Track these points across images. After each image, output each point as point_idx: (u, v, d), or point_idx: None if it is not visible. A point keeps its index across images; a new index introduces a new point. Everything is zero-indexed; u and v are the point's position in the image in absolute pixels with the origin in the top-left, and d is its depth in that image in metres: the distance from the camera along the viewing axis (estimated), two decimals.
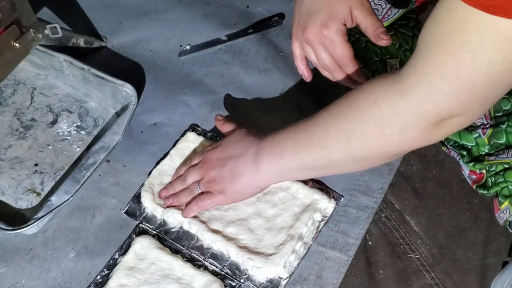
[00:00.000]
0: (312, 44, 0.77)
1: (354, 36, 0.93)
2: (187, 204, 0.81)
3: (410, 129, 0.60)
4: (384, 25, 0.86)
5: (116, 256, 0.80)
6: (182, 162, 0.87)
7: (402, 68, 0.60)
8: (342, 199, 0.84)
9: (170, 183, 0.84)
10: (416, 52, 0.58)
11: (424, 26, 0.57)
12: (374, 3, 0.88)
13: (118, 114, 0.94)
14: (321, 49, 0.76)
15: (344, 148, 0.66)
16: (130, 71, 1.01)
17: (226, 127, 0.86)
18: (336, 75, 0.79)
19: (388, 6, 0.87)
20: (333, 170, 0.74)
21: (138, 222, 0.83)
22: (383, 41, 0.74)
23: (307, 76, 0.82)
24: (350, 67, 0.77)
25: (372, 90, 0.63)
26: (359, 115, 0.64)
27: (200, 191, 0.80)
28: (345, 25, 0.75)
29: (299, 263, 0.79)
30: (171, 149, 0.90)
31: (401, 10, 0.86)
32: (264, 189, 0.80)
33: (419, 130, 0.60)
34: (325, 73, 0.80)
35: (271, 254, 0.77)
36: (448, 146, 0.87)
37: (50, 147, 0.92)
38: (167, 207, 0.82)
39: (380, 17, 0.87)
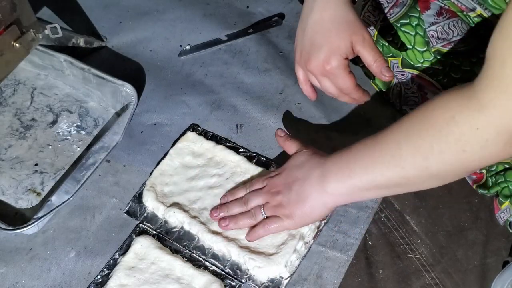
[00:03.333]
0: (316, 76, 0.78)
1: None
2: (251, 227, 0.79)
3: (492, 144, 0.59)
4: (386, 24, 0.87)
5: (116, 256, 0.80)
6: (237, 185, 0.84)
7: (475, 82, 0.59)
8: None
9: (223, 204, 0.81)
10: (488, 66, 0.57)
11: (492, 40, 0.56)
12: (376, 2, 0.88)
13: (118, 114, 0.94)
14: (325, 79, 0.77)
15: (420, 166, 0.65)
16: (130, 71, 1.02)
17: (288, 145, 0.83)
18: (342, 99, 0.80)
19: (390, 4, 0.87)
20: (407, 188, 0.72)
21: (138, 222, 0.83)
22: (386, 77, 0.75)
23: (312, 96, 0.83)
24: (354, 93, 0.78)
25: (447, 106, 0.62)
26: (435, 132, 0.62)
27: (265, 216, 0.78)
28: (346, 58, 0.76)
29: (300, 262, 0.79)
30: (170, 148, 0.90)
31: (403, 9, 0.87)
32: (333, 209, 0.78)
33: (501, 145, 0.59)
34: (330, 95, 0.81)
35: (272, 254, 0.77)
36: None
37: (50, 147, 0.92)
38: (223, 227, 0.79)
39: (382, 16, 0.87)
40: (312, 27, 0.76)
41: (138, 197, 0.86)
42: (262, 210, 0.78)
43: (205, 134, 0.92)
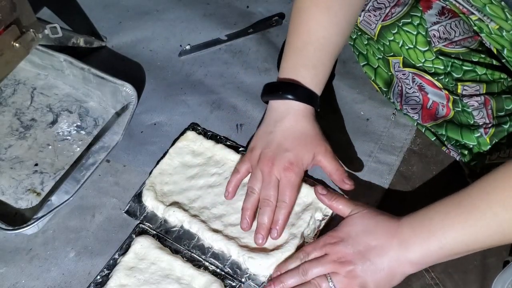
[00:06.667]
0: (267, 176, 0.79)
1: (357, 33, 0.94)
2: None
3: None
4: (388, 23, 0.87)
5: (116, 256, 0.80)
6: (280, 264, 0.75)
7: None
8: None
9: (276, 277, 0.73)
10: None
11: None
12: (377, 2, 0.88)
13: (118, 114, 0.94)
14: (272, 184, 0.78)
15: None
16: (130, 71, 1.01)
17: (338, 206, 0.77)
18: (264, 216, 0.77)
19: (392, 4, 0.87)
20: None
21: (138, 222, 0.83)
22: (347, 186, 0.80)
23: (230, 195, 0.83)
24: (284, 211, 0.77)
25: None
26: None
27: (332, 286, 0.70)
28: (305, 170, 0.81)
29: None
30: (170, 147, 0.90)
31: (404, 8, 0.87)
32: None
33: None
34: (246, 216, 0.79)
35: (272, 250, 0.77)
36: (449, 146, 0.87)
37: (50, 147, 0.92)
38: None
39: (383, 15, 0.87)
40: (282, 134, 0.80)
41: (138, 197, 0.86)
42: (330, 281, 0.70)
43: (205, 134, 0.92)
